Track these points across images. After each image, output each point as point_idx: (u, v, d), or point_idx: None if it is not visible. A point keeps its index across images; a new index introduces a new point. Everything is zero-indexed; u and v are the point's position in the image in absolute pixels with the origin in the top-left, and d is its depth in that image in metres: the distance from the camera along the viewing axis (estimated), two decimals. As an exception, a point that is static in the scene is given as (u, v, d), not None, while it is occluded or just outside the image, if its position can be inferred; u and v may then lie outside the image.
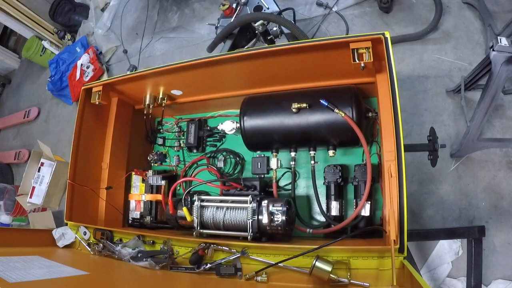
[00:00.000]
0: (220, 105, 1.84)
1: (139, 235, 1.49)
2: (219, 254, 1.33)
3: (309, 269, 1.11)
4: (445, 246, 2.11)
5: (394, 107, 1.19)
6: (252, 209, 1.33)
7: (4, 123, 4.84)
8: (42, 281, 1.10)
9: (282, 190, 1.67)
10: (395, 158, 1.16)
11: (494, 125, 2.30)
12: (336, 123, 1.37)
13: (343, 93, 1.41)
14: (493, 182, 2.19)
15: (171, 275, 1.34)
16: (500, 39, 1.65)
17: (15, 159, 4.30)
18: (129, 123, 1.91)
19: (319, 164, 1.57)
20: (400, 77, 2.53)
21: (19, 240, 1.59)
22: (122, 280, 1.33)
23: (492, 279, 2.01)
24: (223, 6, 2.57)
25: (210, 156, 1.85)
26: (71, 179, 1.64)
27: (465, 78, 2.26)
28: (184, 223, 1.51)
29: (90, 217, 1.72)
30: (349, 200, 1.55)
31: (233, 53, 1.40)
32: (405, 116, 2.40)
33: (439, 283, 2.08)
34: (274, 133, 1.49)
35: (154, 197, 1.79)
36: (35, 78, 4.87)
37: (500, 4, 2.54)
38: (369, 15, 2.92)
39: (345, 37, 1.23)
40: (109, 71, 4.05)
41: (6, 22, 4.52)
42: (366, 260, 1.14)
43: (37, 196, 3.39)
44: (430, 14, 2.68)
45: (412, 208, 2.25)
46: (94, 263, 1.49)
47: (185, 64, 1.47)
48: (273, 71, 1.50)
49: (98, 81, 1.72)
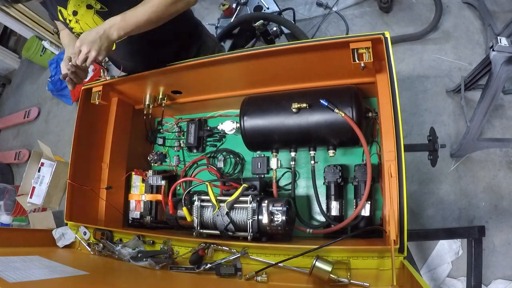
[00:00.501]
0: (220, 105, 1.84)
1: (139, 235, 1.49)
2: (219, 254, 1.33)
3: (309, 269, 1.11)
4: (445, 246, 2.11)
5: (394, 107, 1.19)
6: (252, 209, 1.33)
7: (4, 123, 4.84)
8: (42, 281, 1.10)
9: (282, 190, 1.67)
10: (395, 158, 1.16)
11: (494, 125, 2.30)
12: (336, 123, 1.37)
13: (343, 93, 1.41)
14: (493, 182, 2.19)
15: (171, 275, 1.34)
16: (500, 39, 1.65)
17: (15, 159, 4.30)
18: (129, 123, 1.91)
19: (319, 164, 1.57)
20: (400, 77, 2.53)
21: (19, 240, 1.59)
22: (122, 280, 1.33)
23: (492, 279, 2.01)
24: (223, 6, 2.58)
25: (210, 156, 1.85)
26: (71, 179, 1.64)
27: (465, 78, 2.26)
28: (184, 223, 1.51)
29: (90, 217, 1.71)
30: (349, 200, 1.55)
31: (233, 53, 1.40)
32: (405, 116, 2.40)
33: (439, 283, 2.08)
34: (274, 133, 1.49)
35: (154, 197, 1.79)
36: (35, 78, 4.87)
37: (500, 4, 2.55)
38: (369, 15, 2.92)
39: (345, 37, 1.23)
40: (109, 71, 4.04)
41: (6, 22, 4.52)
42: (366, 260, 1.14)
43: (37, 196, 3.39)
44: (430, 14, 2.68)
45: (412, 208, 2.25)
46: (94, 263, 1.49)
47: (185, 64, 1.47)
48: (273, 71, 1.50)
49: (98, 81, 1.71)
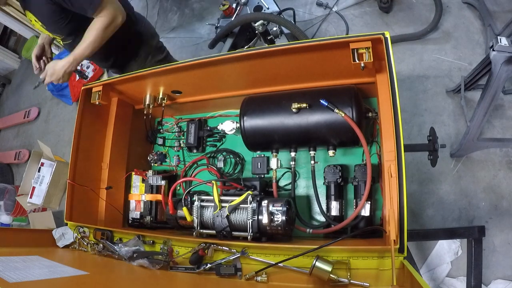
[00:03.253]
0: (220, 105, 1.84)
1: (139, 235, 1.49)
2: (219, 254, 1.33)
3: (309, 269, 1.11)
4: (445, 246, 2.12)
5: (394, 107, 1.19)
6: (252, 209, 1.33)
7: (4, 123, 4.84)
8: (42, 281, 1.10)
9: (282, 190, 1.67)
10: (395, 158, 1.16)
11: (494, 125, 2.30)
12: (336, 123, 1.37)
13: (343, 93, 1.41)
14: (493, 182, 2.19)
15: (171, 275, 1.34)
16: (500, 39, 1.65)
17: (15, 159, 4.30)
18: (129, 123, 1.91)
19: (319, 164, 1.57)
20: (400, 77, 2.53)
21: (19, 240, 1.59)
22: (122, 280, 1.33)
23: (492, 279, 2.01)
24: (223, 6, 2.57)
25: (210, 156, 1.85)
26: (71, 179, 1.64)
27: (465, 78, 2.26)
28: (184, 223, 1.51)
29: (90, 217, 1.71)
30: (349, 200, 1.55)
31: (233, 53, 1.40)
32: (405, 116, 2.40)
33: (438, 283, 2.08)
34: (274, 133, 1.49)
35: (154, 197, 1.79)
36: (35, 78, 4.86)
37: (500, 4, 2.54)
38: (369, 15, 2.92)
39: (345, 37, 1.23)
40: (109, 71, 4.04)
41: (6, 22, 4.52)
42: (366, 260, 1.14)
43: (37, 196, 3.39)
44: (430, 14, 2.68)
45: (412, 208, 2.25)
46: (94, 263, 1.49)
47: (185, 64, 1.47)
48: (273, 71, 1.50)
49: (98, 81, 1.71)
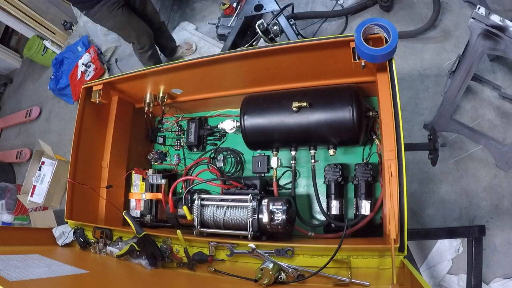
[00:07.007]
0: (220, 104, 1.84)
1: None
2: (220, 252, 1.33)
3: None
4: (446, 243, 2.11)
5: (394, 106, 1.19)
6: (252, 208, 1.33)
7: (6, 122, 4.85)
8: (43, 279, 1.10)
9: (283, 189, 1.67)
10: (395, 157, 1.16)
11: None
12: (337, 122, 1.37)
13: (343, 92, 1.41)
14: (494, 182, 2.18)
15: (170, 274, 1.34)
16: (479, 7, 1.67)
17: (16, 158, 4.31)
18: (129, 122, 1.91)
19: (320, 163, 1.57)
20: (400, 75, 2.53)
21: (20, 239, 1.60)
22: (121, 279, 1.33)
23: (492, 278, 2.01)
24: (223, 5, 2.57)
25: (210, 155, 1.85)
26: (71, 178, 1.65)
27: (460, 56, 2.22)
28: (184, 222, 1.51)
29: (91, 216, 1.72)
30: (349, 199, 1.55)
31: (233, 52, 1.40)
32: (405, 115, 2.39)
33: (438, 280, 2.07)
34: (274, 132, 1.49)
35: (154, 196, 1.79)
36: (36, 77, 4.88)
37: (501, 3, 2.53)
38: (369, 14, 2.91)
39: (346, 36, 1.23)
40: (110, 70, 4.05)
41: (8, 21, 4.52)
42: (366, 259, 1.14)
43: (38, 195, 3.39)
44: (430, 12, 2.66)
45: (412, 207, 2.24)
46: (94, 261, 1.50)
47: (185, 63, 1.47)
48: (274, 70, 1.50)
49: (98, 80, 1.71)
